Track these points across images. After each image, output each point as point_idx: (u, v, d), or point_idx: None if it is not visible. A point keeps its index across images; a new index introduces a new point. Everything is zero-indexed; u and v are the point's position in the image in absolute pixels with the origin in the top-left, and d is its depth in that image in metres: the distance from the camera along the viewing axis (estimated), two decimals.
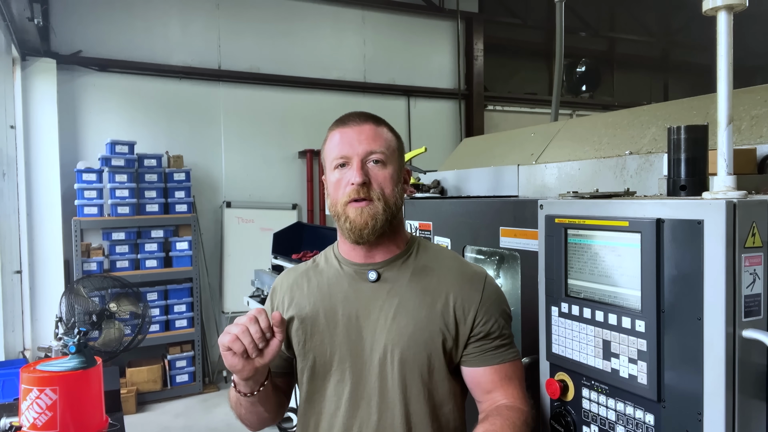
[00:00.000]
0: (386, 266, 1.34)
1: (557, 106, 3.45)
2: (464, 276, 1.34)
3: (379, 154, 1.28)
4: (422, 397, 1.28)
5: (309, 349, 1.33)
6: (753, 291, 1.01)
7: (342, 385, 1.30)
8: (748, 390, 1.01)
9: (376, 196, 1.26)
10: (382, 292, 1.31)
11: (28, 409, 1.86)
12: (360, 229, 1.26)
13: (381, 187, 1.28)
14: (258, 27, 6.11)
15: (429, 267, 1.35)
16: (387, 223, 1.28)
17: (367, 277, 1.33)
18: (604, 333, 1.20)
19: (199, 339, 5.42)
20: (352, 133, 1.30)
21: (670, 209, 1.07)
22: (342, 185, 1.28)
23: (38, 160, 5.00)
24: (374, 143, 1.29)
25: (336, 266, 1.39)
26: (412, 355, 1.27)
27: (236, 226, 5.93)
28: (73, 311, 3.65)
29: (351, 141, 1.29)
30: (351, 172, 1.27)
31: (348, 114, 1.36)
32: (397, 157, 1.33)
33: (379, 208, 1.26)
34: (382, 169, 1.29)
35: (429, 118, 7.02)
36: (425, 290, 1.31)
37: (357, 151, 1.28)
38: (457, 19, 7.16)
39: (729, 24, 1.07)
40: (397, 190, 1.31)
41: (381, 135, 1.31)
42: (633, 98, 8.35)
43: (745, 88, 1.73)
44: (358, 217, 1.26)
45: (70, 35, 5.31)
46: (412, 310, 1.29)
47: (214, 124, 5.93)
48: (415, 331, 1.28)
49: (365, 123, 1.32)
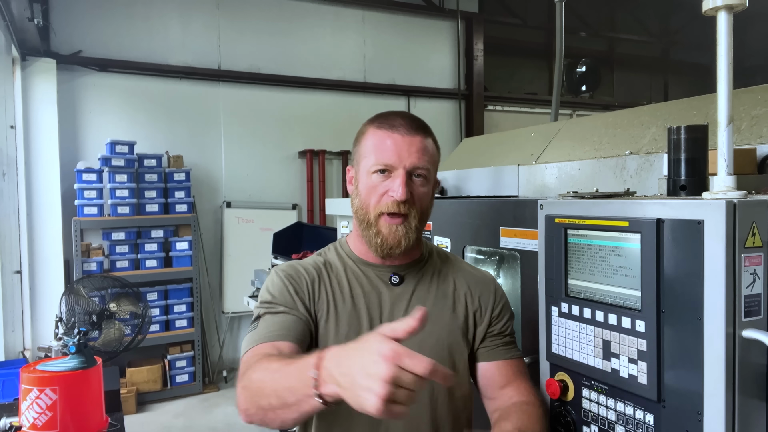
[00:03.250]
0: (407, 270, 1.33)
1: (557, 106, 3.45)
2: (477, 279, 1.39)
3: (424, 170, 1.23)
4: (447, 399, 1.30)
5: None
6: (753, 291, 1.01)
7: None
8: (747, 390, 1.01)
9: (413, 214, 1.23)
10: (405, 296, 1.31)
11: (28, 409, 1.86)
12: (391, 247, 1.23)
13: (420, 204, 1.24)
14: (258, 27, 6.11)
15: (444, 271, 1.37)
16: (417, 240, 1.28)
17: (388, 280, 1.31)
18: (604, 333, 1.20)
19: (199, 339, 5.42)
20: (401, 141, 1.22)
21: (670, 209, 1.07)
22: (379, 192, 1.22)
23: (38, 160, 5.00)
24: (422, 158, 1.23)
25: (352, 266, 1.33)
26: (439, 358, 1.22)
27: (236, 226, 5.93)
28: (73, 311, 3.64)
29: (399, 150, 1.21)
30: (394, 185, 1.20)
31: (395, 114, 1.28)
32: (434, 173, 1.30)
33: (412, 226, 1.23)
34: (425, 186, 1.25)
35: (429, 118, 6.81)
36: (445, 294, 1.34)
37: (404, 164, 1.21)
38: (457, 19, 7.16)
39: (729, 24, 1.07)
40: (431, 207, 1.31)
41: (428, 149, 1.26)
42: (633, 98, 8.35)
43: (745, 88, 1.73)
44: (392, 235, 1.22)
45: (70, 35, 5.31)
46: (436, 313, 1.30)
47: (214, 124, 5.93)
48: (441, 335, 1.30)
49: (416, 134, 1.25)
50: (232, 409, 4.85)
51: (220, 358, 5.93)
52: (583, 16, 8.23)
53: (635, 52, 9.05)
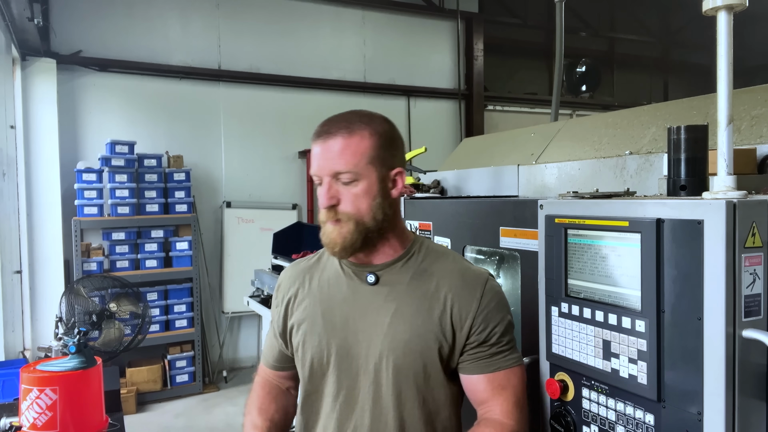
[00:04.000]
0: (385, 269, 1.31)
1: (557, 106, 3.46)
2: (464, 280, 1.29)
3: (346, 174, 1.22)
4: (417, 403, 1.27)
5: (307, 349, 1.33)
6: (753, 291, 1.01)
7: (337, 387, 1.30)
8: (748, 390, 1.01)
9: (345, 218, 1.23)
10: (380, 295, 1.30)
11: (28, 409, 1.86)
12: (331, 248, 1.26)
13: (355, 206, 1.23)
14: (258, 27, 6.11)
15: (429, 270, 1.31)
16: (361, 239, 1.24)
17: (365, 279, 1.31)
18: (604, 333, 1.20)
19: (199, 339, 5.42)
20: (321, 150, 1.25)
21: (670, 209, 1.07)
22: (320, 202, 1.27)
23: (38, 160, 5.00)
24: (340, 162, 1.21)
25: (336, 265, 1.38)
26: (408, 362, 1.25)
27: (236, 226, 5.93)
28: (73, 311, 3.65)
29: (319, 158, 1.25)
30: (321, 192, 1.25)
31: (326, 121, 1.29)
32: (375, 167, 1.24)
33: (349, 227, 1.23)
34: (354, 188, 1.22)
35: (429, 118, 7.02)
36: (424, 295, 1.28)
37: (324, 171, 1.24)
38: (457, 19, 7.16)
39: (729, 24, 1.07)
40: (375, 204, 1.24)
41: (350, 148, 1.22)
42: (633, 98, 8.35)
43: (745, 88, 1.73)
44: (326, 236, 1.26)
45: (70, 35, 5.31)
46: (410, 315, 1.26)
47: (214, 124, 5.93)
48: (412, 338, 1.25)
49: (335, 136, 1.23)
50: (232, 409, 4.85)
51: (220, 358, 5.93)
52: (583, 16, 8.23)
53: (635, 52, 9.05)
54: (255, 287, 4.70)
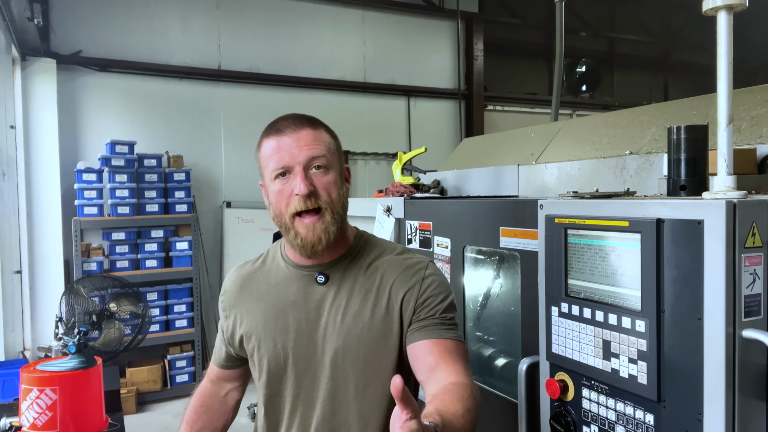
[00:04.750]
0: (333, 267, 1.33)
1: (557, 106, 3.45)
2: (406, 269, 1.32)
3: (321, 159, 1.24)
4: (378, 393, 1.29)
5: (263, 355, 1.34)
6: (753, 291, 1.01)
7: (297, 387, 1.33)
8: (748, 390, 1.01)
9: (324, 205, 1.23)
10: (330, 294, 1.31)
11: (28, 409, 1.86)
12: (313, 246, 1.24)
13: (328, 194, 1.24)
14: (258, 27, 6.11)
15: (374, 265, 1.33)
16: (338, 232, 1.27)
17: (315, 279, 1.32)
18: (604, 333, 1.20)
19: (199, 339, 5.42)
20: (290, 140, 1.25)
21: (670, 209, 1.07)
22: (285, 195, 1.24)
23: (38, 160, 5.00)
24: (315, 148, 1.24)
25: (284, 268, 1.37)
26: (363, 355, 1.28)
27: (236, 226, 5.93)
28: (73, 311, 3.65)
29: (290, 149, 1.24)
30: (295, 182, 1.23)
31: (280, 118, 1.31)
32: (337, 159, 1.30)
33: (328, 219, 1.24)
34: (326, 175, 1.25)
35: (429, 118, 7.02)
36: (370, 289, 1.30)
37: (298, 160, 1.23)
38: (457, 19, 7.16)
39: (729, 24, 1.07)
40: (341, 193, 1.28)
41: (320, 138, 1.27)
42: (633, 98, 8.34)
43: (745, 88, 1.73)
44: (310, 233, 1.23)
45: (70, 35, 5.31)
46: (360, 310, 1.29)
47: (214, 124, 5.93)
48: (363, 332, 1.28)
49: (302, 128, 1.26)
50: None
51: None
52: (583, 16, 8.23)
53: (635, 52, 9.05)
54: None
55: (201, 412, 1.51)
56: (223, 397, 1.54)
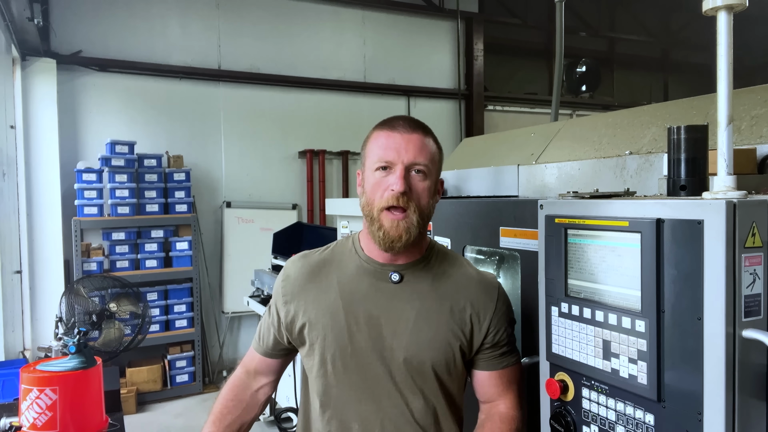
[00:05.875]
0: (408, 269, 1.37)
1: (557, 106, 3.45)
2: (481, 284, 1.40)
3: (423, 166, 1.30)
4: (440, 397, 1.35)
5: (329, 344, 1.35)
6: (753, 291, 1.01)
7: (362, 382, 1.34)
8: (748, 390, 1.01)
9: (412, 208, 1.29)
10: (404, 294, 1.35)
11: (28, 409, 1.86)
12: (392, 241, 1.29)
13: (419, 198, 1.30)
14: (258, 27, 6.11)
15: (447, 273, 1.39)
16: (419, 235, 1.32)
17: (389, 277, 1.35)
18: (604, 333, 1.20)
19: (199, 339, 5.42)
20: (400, 139, 1.30)
21: (670, 209, 1.07)
22: (381, 188, 1.30)
23: (38, 160, 5.00)
24: (420, 154, 1.30)
25: (357, 261, 1.40)
26: (430, 359, 1.33)
27: (236, 226, 5.93)
28: (73, 311, 3.65)
29: (398, 147, 1.29)
30: (393, 178, 1.28)
31: (397, 117, 1.37)
32: (436, 170, 1.35)
33: (413, 221, 1.29)
34: (423, 181, 1.31)
35: (429, 118, 6.90)
36: (444, 296, 1.36)
37: (402, 159, 1.29)
38: (457, 19, 7.16)
39: (729, 24, 1.07)
40: (431, 202, 1.34)
41: (427, 147, 1.33)
42: (633, 98, 8.34)
43: (745, 88, 1.73)
44: (393, 229, 1.28)
45: (70, 35, 5.31)
46: (433, 314, 1.33)
47: (214, 124, 5.93)
48: (435, 336, 1.33)
49: (414, 131, 1.32)
50: None
51: (220, 358, 5.93)
52: (583, 16, 8.23)
53: (635, 52, 9.04)
54: (255, 287, 4.70)
55: (231, 406, 1.50)
56: (255, 392, 1.53)
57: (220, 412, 1.49)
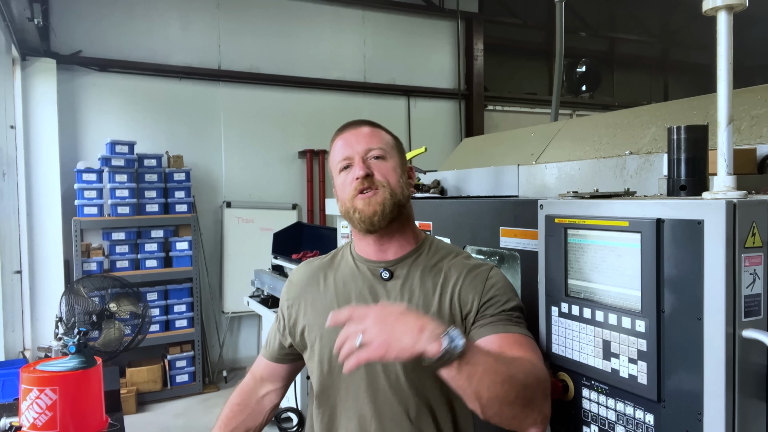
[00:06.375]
0: (398, 264, 1.38)
1: (557, 106, 3.46)
2: (470, 269, 1.36)
3: (377, 150, 1.35)
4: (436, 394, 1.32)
5: (325, 344, 1.37)
6: (753, 291, 1.01)
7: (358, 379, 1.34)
8: (748, 390, 1.01)
9: (381, 186, 1.32)
10: (394, 290, 1.36)
11: (28, 409, 1.86)
12: (370, 217, 1.30)
13: (385, 177, 1.33)
14: (258, 27, 6.11)
15: (438, 266, 1.38)
16: (396, 208, 1.32)
17: (380, 275, 1.37)
18: (604, 333, 1.20)
19: (199, 339, 5.42)
20: (350, 136, 1.37)
21: (670, 209, 1.07)
22: (347, 183, 1.34)
23: (38, 160, 5.00)
24: (372, 141, 1.36)
25: (351, 263, 1.43)
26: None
27: (236, 226, 5.93)
28: (73, 311, 3.64)
29: (350, 143, 1.36)
30: (354, 169, 1.33)
31: (346, 122, 1.43)
32: (397, 153, 1.39)
33: (385, 194, 1.31)
34: (383, 162, 1.35)
35: (429, 118, 7.02)
36: (434, 287, 1.35)
37: (357, 150, 1.34)
38: (457, 19, 7.16)
39: (729, 24, 1.07)
40: (401, 181, 1.35)
41: (378, 134, 1.39)
42: (633, 98, 8.34)
43: (745, 88, 1.73)
44: (367, 207, 1.30)
45: (70, 35, 5.31)
46: (423, 306, 1.33)
47: (214, 124, 5.93)
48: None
49: (362, 126, 1.40)
50: None
51: (220, 358, 5.93)
52: (583, 16, 8.23)
53: (635, 52, 9.04)
54: (255, 287, 4.70)
55: (237, 410, 1.53)
56: (260, 398, 1.55)
57: (227, 416, 1.52)
